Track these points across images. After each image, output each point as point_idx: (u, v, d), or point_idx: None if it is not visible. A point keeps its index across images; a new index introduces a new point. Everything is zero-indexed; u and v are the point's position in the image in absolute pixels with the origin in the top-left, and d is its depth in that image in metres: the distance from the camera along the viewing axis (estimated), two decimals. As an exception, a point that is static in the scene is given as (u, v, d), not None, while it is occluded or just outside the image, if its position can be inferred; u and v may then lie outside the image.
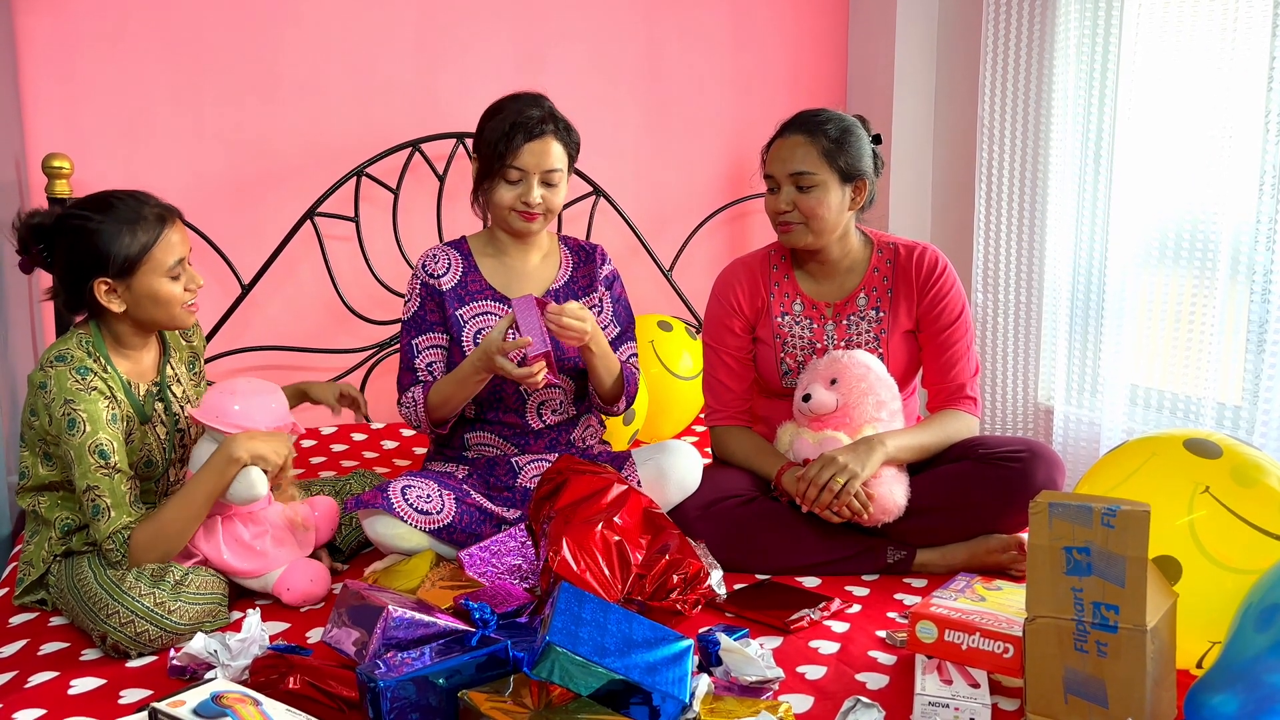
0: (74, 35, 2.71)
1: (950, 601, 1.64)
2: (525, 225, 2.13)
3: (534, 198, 2.09)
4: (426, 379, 2.15)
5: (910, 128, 3.28)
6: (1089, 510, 1.39)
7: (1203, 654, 1.56)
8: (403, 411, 2.16)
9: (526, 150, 2.06)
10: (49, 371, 1.77)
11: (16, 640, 1.75)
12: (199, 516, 1.79)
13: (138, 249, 1.79)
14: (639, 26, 3.20)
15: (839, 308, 2.18)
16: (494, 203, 2.13)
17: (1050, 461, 2.01)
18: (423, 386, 2.13)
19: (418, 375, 2.16)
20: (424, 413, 2.12)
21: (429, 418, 2.12)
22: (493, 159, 2.09)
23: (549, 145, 2.08)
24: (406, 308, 2.20)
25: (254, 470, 1.79)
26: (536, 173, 2.08)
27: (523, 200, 2.09)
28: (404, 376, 2.18)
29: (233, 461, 1.77)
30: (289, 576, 1.87)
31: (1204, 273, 2.40)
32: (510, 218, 2.13)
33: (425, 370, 2.16)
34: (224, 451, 1.78)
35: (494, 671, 1.46)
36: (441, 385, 2.10)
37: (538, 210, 2.11)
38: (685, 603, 1.79)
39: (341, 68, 2.93)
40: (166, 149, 2.80)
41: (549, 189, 2.11)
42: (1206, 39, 2.38)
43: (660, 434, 2.88)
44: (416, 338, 2.18)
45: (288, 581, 1.87)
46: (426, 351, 2.17)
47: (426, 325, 2.18)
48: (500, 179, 2.09)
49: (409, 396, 2.14)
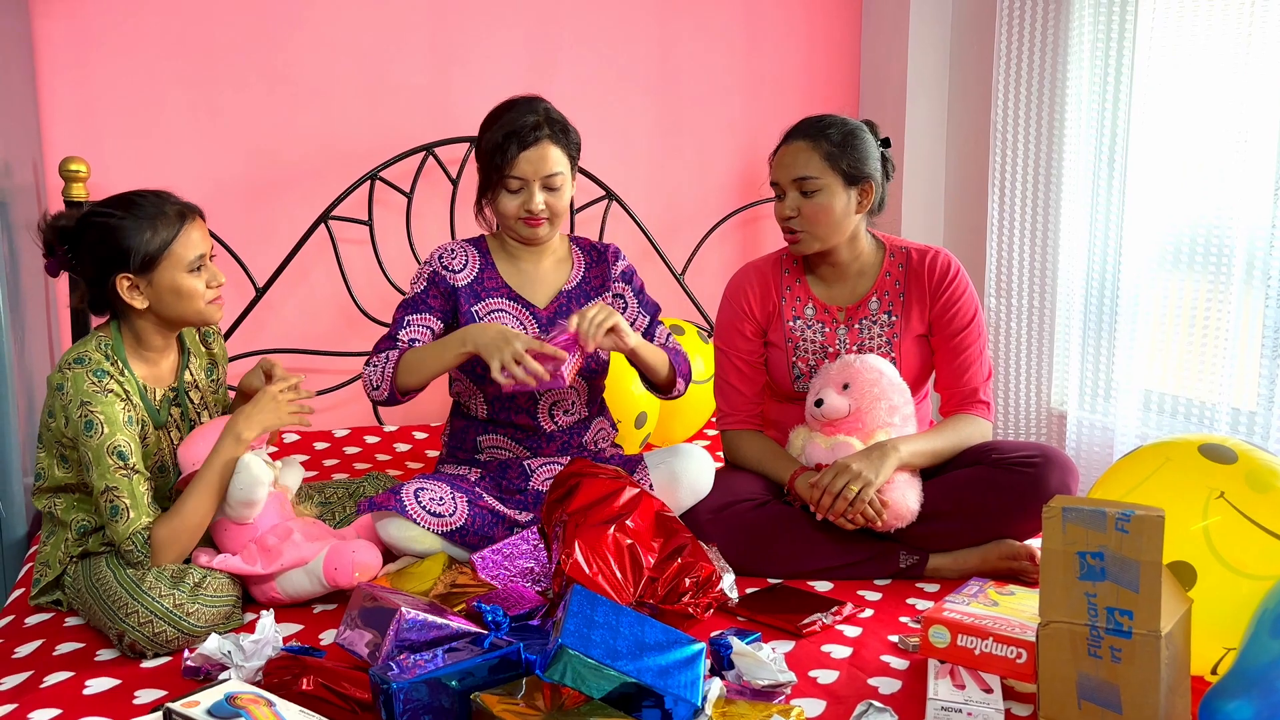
0: (90, 40, 2.73)
1: (963, 606, 1.63)
2: (532, 232, 2.13)
3: (536, 205, 2.09)
4: (404, 347, 2.11)
5: (923, 131, 3.28)
6: (1103, 515, 1.38)
7: (1218, 660, 1.55)
8: (366, 371, 2.10)
9: (523, 159, 2.06)
10: (67, 374, 1.79)
11: (32, 640, 1.77)
12: (214, 507, 1.81)
13: (159, 244, 1.81)
14: (652, 29, 3.21)
15: (851, 312, 2.18)
16: (499, 213, 2.14)
17: (1064, 467, 2.01)
18: (398, 351, 2.10)
19: (397, 343, 2.12)
20: (391, 372, 2.06)
21: (394, 380, 2.07)
22: (491, 170, 2.10)
23: (546, 151, 2.08)
24: (410, 289, 2.19)
25: (253, 462, 1.80)
26: (536, 180, 2.08)
27: (525, 208, 2.10)
28: (382, 342, 2.13)
29: (240, 441, 1.81)
30: (333, 558, 1.84)
31: (1219, 278, 2.39)
32: (517, 226, 2.13)
33: (406, 343, 2.12)
34: (229, 434, 1.81)
35: (506, 674, 1.46)
36: (419, 350, 2.06)
37: (542, 216, 2.11)
38: (697, 606, 1.79)
39: (355, 71, 2.94)
40: (182, 153, 2.82)
41: (551, 193, 2.11)
42: (1221, 42, 2.37)
43: (672, 438, 2.88)
44: (410, 315, 2.15)
45: (333, 562, 1.84)
46: (414, 328, 2.14)
47: (424, 307, 2.16)
48: (502, 189, 2.10)
49: (380, 357, 2.09)
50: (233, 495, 1.81)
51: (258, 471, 1.80)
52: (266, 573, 1.83)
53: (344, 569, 1.82)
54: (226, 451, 1.81)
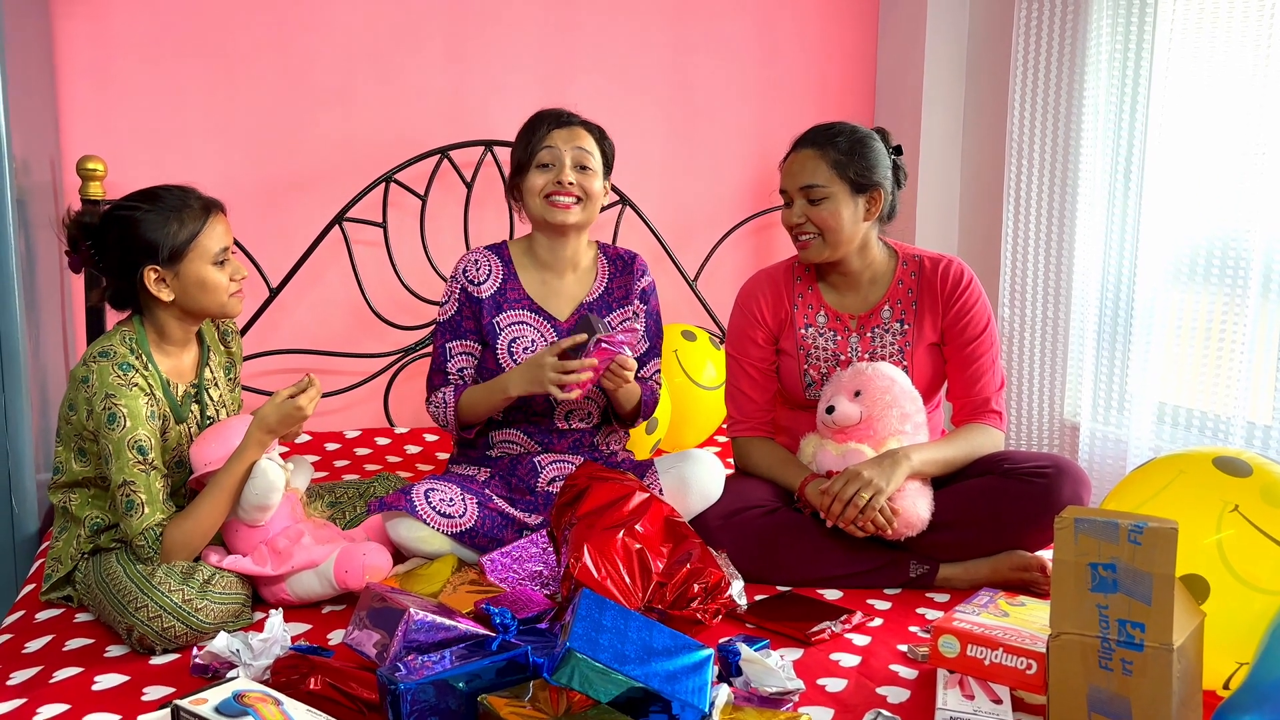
0: (110, 41, 2.75)
1: (973, 616, 1.63)
2: (561, 215, 2.12)
3: (567, 175, 2.10)
4: (457, 382, 2.18)
5: (939, 140, 3.27)
6: (1115, 526, 1.37)
7: (1230, 675, 1.54)
8: (431, 410, 2.19)
9: (556, 135, 2.12)
10: (92, 366, 1.80)
11: (42, 636, 1.77)
12: (228, 510, 1.82)
13: (186, 236, 1.83)
14: (666, 36, 3.21)
15: (863, 320, 2.17)
16: (527, 190, 2.14)
17: (1076, 478, 2.00)
18: (454, 389, 2.16)
19: (448, 378, 2.19)
20: (452, 415, 2.15)
21: (456, 420, 2.15)
22: (523, 152, 2.13)
23: (578, 130, 2.14)
24: (443, 310, 2.23)
25: (270, 468, 1.81)
26: (568, 151, 2.10)
27: (555, 180, 2.10)
28: (434, 377, 2.21)
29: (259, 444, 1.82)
30: (344, 560, 1.84)
31: (1235, 290, 2.37)
32: (544, 209, 2.13)
33: (456, 375, 2.19)
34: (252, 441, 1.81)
35: (514, 676, 1.46)
36: (472, 395, 2.13)
37: (572, 191, 2.10)
38: (706, 612, 1.78)
39: (371, 75, 2.95)
40: (198, 152, 2.84)
41: (582, 172, 2.12)
42: (1239, 53, 2.36)
43: (683, 443, 2.88)
44: (450, 342, 2.20)
45: (344, 565, 1.84)
46: (459, 357, 2.20)
47: (461, 331, 2.21)
48: (533, 168, 2.12)
49: (439, 397, 2.17)
50: (247, 499, 1.82)
51: (274, 477, 1.81)
52: (276, 574, 1.83)
53: (354, 572, 1.82)
54: (250, 456, 1.82)
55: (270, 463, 1.82)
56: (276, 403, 1.84)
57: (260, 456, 1.82)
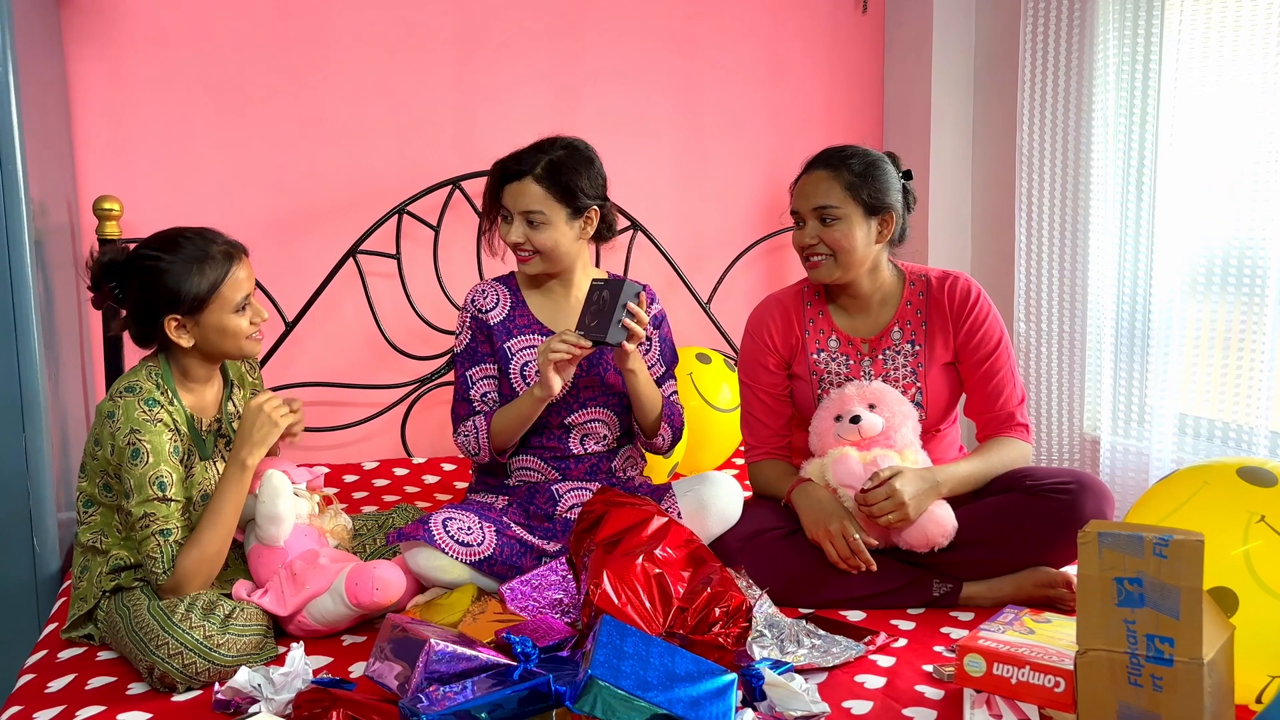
0: (123, 82, 2.78)
1: (998, 634, 1.61)
2: (526, 266, 2.18)
3: (511, 236, 2.14)
4: (483, 409, 2.19)
5: (948, 159, 3.27)
6: (1140, 540, 1.36)
7: (1262, 688, 1.51)
8: (460, 440, 2.19)
9: (505, 192, 2.15)
10: (118, 401, 1.82)
11: (65, 675, 1.77)
12: (231, 531, 1.83)
13: (207, 287, 1.84)
14: (675, 61, 3.23)
15: (874, 343, 2.17)
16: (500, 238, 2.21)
17: (1099, 493, 1.98)
18: (483, 416, 2.17)
19: (474, 406, 2.20)
20: (486, 440, 2.15)
21: (490, 445, 2.15)
22: (489, 202, 2.20)
23: (526, 187, 2.12)
24: (458, 341, 2.25)
25: (274, 474, 1.85)
26: (515, 211, 2.13)
27: (504, 239, 2.17)
28: (460, 407, 2.22)
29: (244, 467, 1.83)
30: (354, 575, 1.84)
31: (1253, 298, 2.35)
32: (516, 259, 2.20)
33: (480, 401, 2.20)
34: (232, 463, 1.83)
35: (536, 705, 1.45)
36: (500, 418, 2.14)
37: (524, 248, 2.15)
38: (728, 636, 1.77)
39: (383, 108, 2.98)
40: (212, 189, 2.86)
41: (532, 229, 2.13)
42: (1248, 60, 2.35)
43: (700, 466, 2.87)
44: (470, 369, 2.21)
45: (354, 579, 1.83)
46: (480, 383, 2.21)
47: (479, 356, 2.22)
48: (500, 218, 2.18)
49: (468, 426, 2.18)
50: (259, 512, 1.84)
51: (277, 483, 1.85)
52: (288, 614, 1.84)
53: (364, 584, 1.82)
54: (233, 478, 1.83)
55: (275, 470, 1.86)
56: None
57: (245, 477, 1.84)
